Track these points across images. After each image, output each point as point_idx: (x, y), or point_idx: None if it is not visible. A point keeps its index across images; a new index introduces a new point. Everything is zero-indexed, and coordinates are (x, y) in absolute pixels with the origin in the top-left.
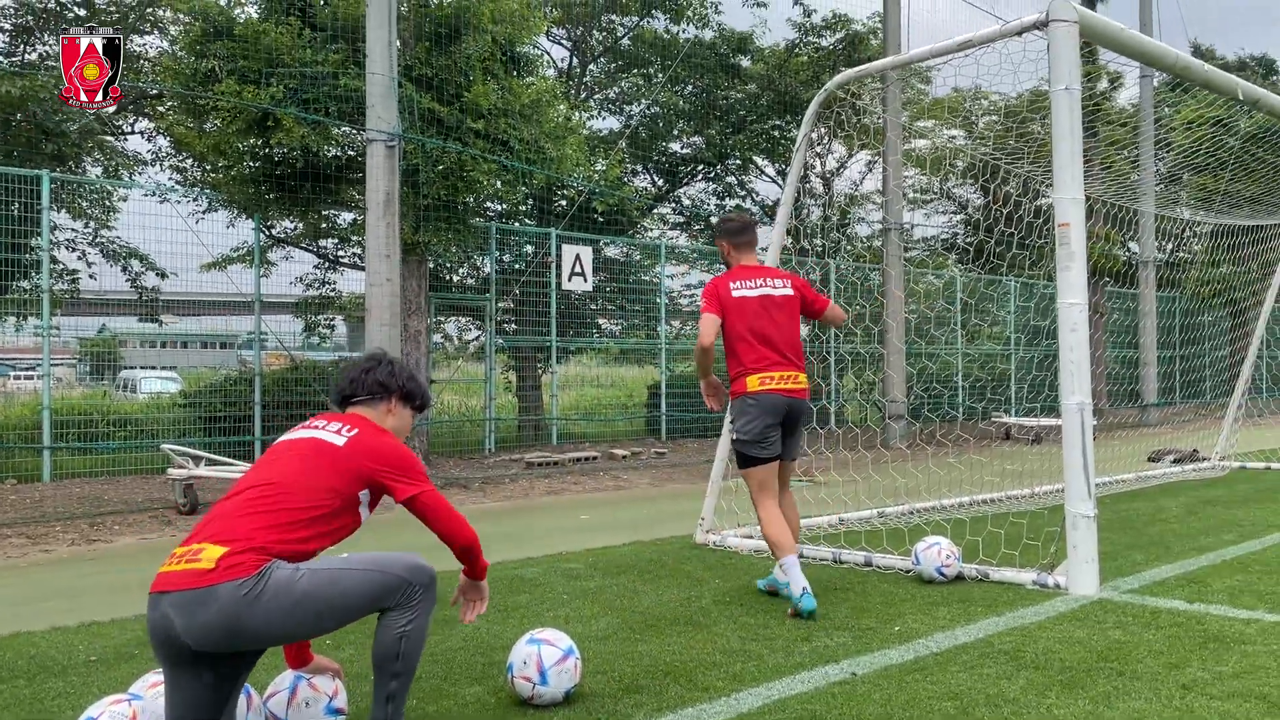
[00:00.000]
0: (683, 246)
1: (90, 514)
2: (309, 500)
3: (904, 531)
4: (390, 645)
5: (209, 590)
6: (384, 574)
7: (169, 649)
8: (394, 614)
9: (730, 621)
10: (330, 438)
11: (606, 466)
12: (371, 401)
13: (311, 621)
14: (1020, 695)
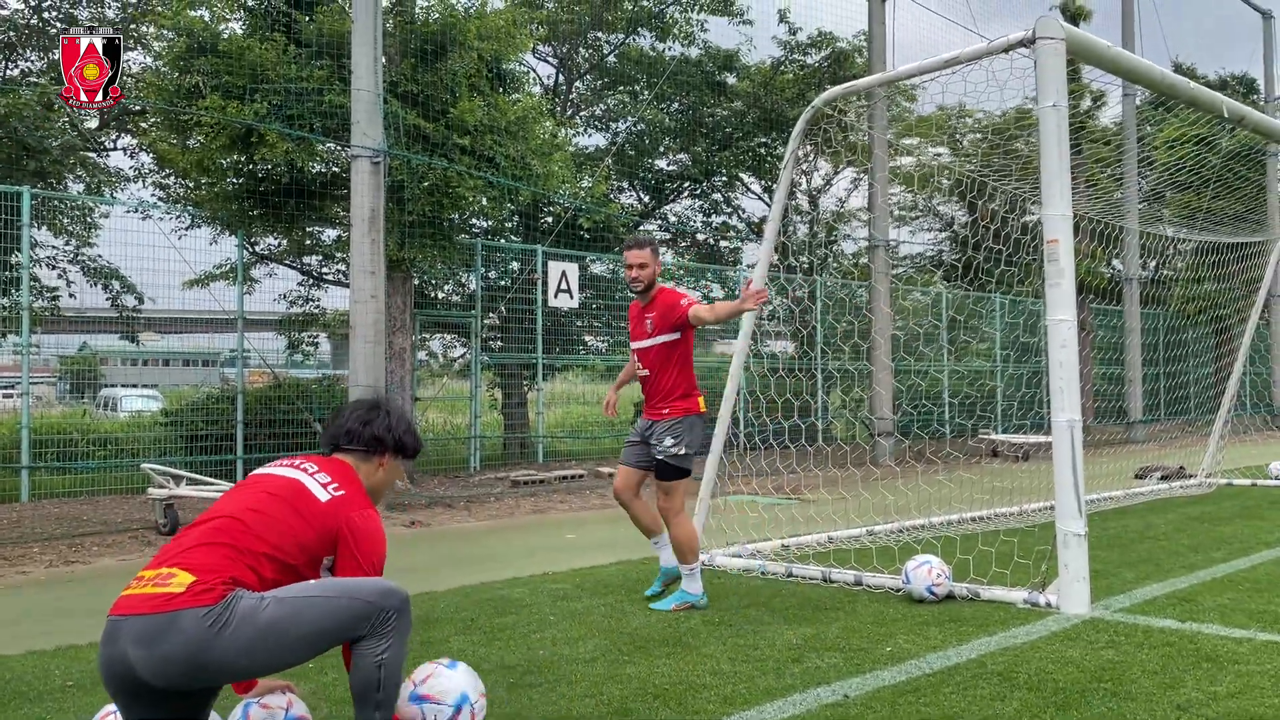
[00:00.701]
0: (669, 263)
1: (69, 535)
2: (278, 547)
3: (894, 550)
4: (369, 674)
5: (173, 616)
6: (353, 600)
7: (124, 686)
8: (368, 642)
9: (719, 643)
10: (314, 488)
11: (593, 484)
12: (365, 455)
13: (278, 653)
14: (1015, 717)
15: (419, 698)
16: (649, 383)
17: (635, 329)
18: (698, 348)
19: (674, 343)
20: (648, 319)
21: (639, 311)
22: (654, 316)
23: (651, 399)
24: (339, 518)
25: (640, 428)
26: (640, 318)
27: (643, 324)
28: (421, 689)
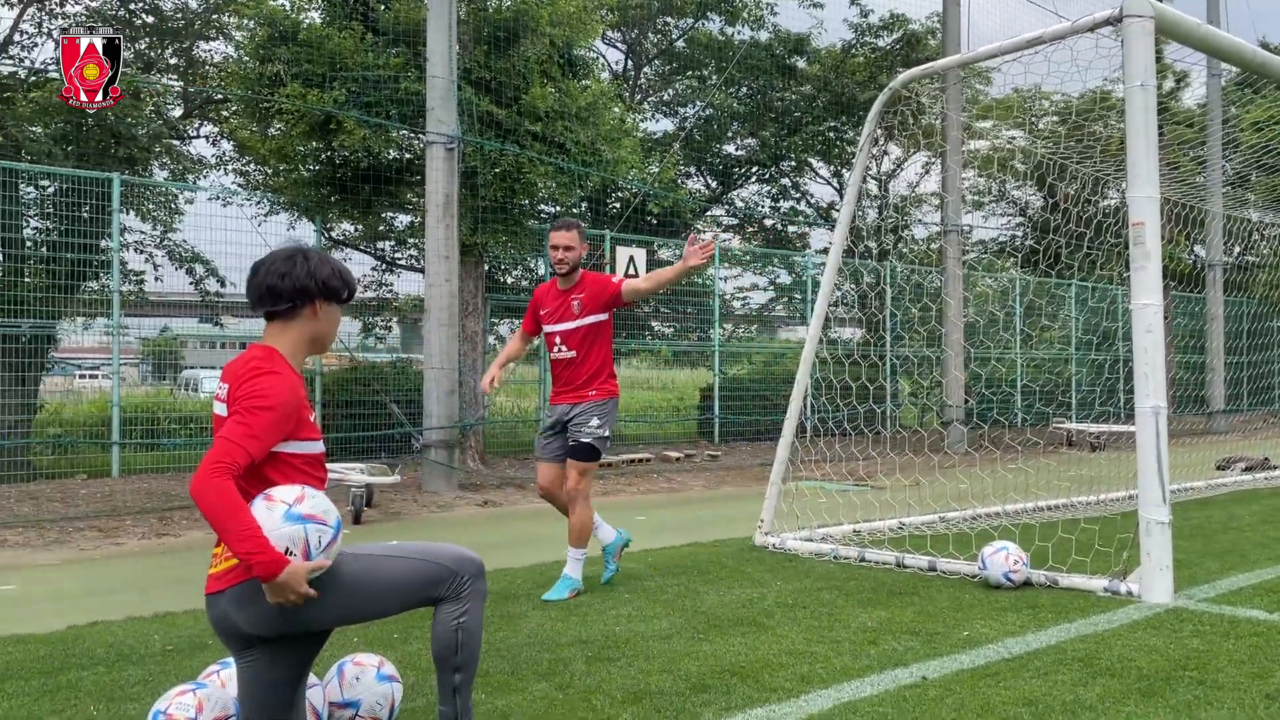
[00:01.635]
0: (736, 249)
1: (159, 509)
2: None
3: (969, 536)
4: (448, 637)
5: (257, 581)
6: (429, 563)
7: (233, 638)
8: (447, 606)
9: (794, 624)
10: (220, 409)
11: (659, 469)
12: (292, 310)
13: (360, 608)
14: (1098, 702)
15: (299, 517)
16: (573, 365)
17: (555, 311)
18: (762, 334)
19: (602, 324)
20: (574, 300)
21: (559, 293)
22: (583, 297)
23: (574, 382)
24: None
25: (558, 415)
26: (562, 299)
27: (566, 305)
28: (299, 509)
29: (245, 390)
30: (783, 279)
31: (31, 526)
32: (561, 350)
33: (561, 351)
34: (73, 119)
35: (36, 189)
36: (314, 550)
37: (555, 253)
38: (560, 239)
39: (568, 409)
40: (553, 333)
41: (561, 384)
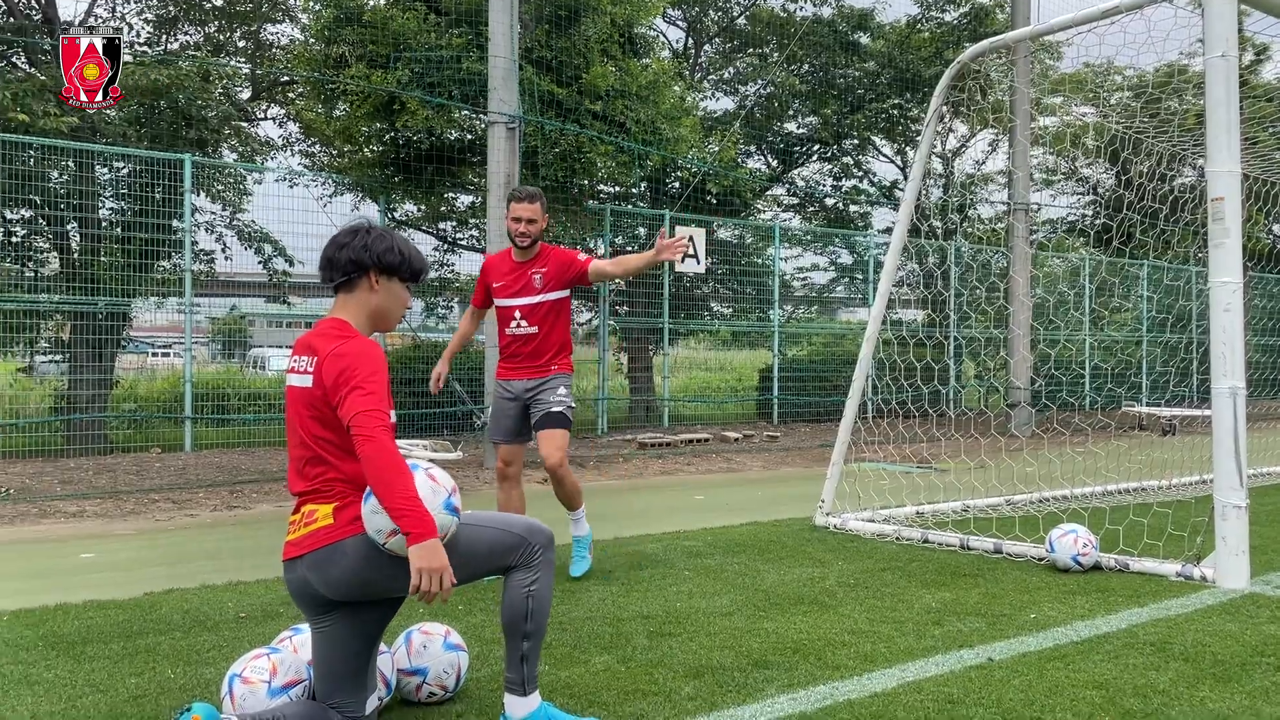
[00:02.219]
0: (796, 228)
1: (229, 482)
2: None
3: (1037, 519)
4: (518, 605)
5: (336, 546)
6: (503, 531)
7: (310, 602)
8: (518, 574)
9: (856, 603)
10: (301, 381)
11: (718, 449)
12: (350, 283)
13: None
14: (1170, 687)
15: (454, 509)
16: (534, 341)
17: (512, 284)
18: (823, 315)
19: (564, 300)
20: (534, 274)
21: (516, 265)
22: (545, 272)
23: (537, 358)
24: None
25: (517, 391)
26: (520, 272)
27: (526, 279)
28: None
29: (349, 362)
30: (844, 259)
31: (109, 497)
32: (521, 325)
33: (521, 327)
34: (145, 101)
35: (111, 170)
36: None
37: (517, 225)
38: (523, 210)
39: (528, 384)
40: (510, 306)
41: (519, 360)
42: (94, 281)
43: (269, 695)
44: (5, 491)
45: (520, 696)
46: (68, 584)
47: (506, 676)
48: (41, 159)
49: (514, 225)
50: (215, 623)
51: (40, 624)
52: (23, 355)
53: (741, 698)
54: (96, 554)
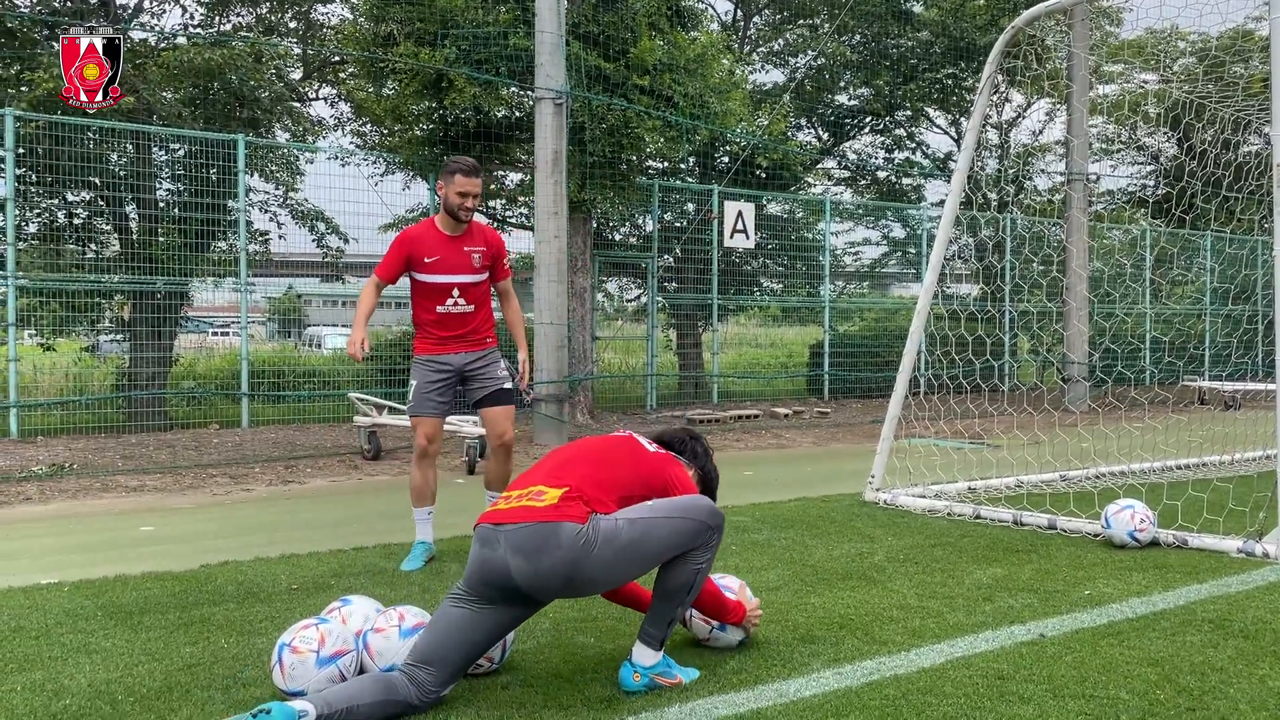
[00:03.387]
0: (848, 202)
1: (284, 457)
2: (623, 480)
3: (1092, 495)
4: (686, 578)
5: (553, 527)
6: (690, 521)
7: (489, 587)
8: (695, 553)
9: (906, 579)
10: (643, 442)
11: (768, 425)
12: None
13: (631, 568)
14: (1229, 664)
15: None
16: (471, 319)
17: (448, 260)
18: (874, 290)
19: (489, 278)
20: (473, 253)
21: (448, 240)
22: (483, 251)
23: (475, 334)
24: (667, 472)
25: (456, 365)
26: (453, 248)
27: (463, 257)
28: (721, 579)
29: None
30: (896, 233)
31: (168, 472)
32: (459, 303)
33: (459, 305)
34: (200, 82)
35: (167, 152)
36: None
37: (463, 199)
38: (473, 186)
39: (467, 357)
40: (448, 284)
41: (455, 336)
42: (152, 262)
43: (317, 665)
44: (67, 467)
45: (653, 650)
46: (127, 556)
47: (646, 630)
48: (101, 141)
49: (460, 199)
50: (268, 594)
51: (100, 594)
52: (87, 335)
53: (786, 672)
54: (155, 527)
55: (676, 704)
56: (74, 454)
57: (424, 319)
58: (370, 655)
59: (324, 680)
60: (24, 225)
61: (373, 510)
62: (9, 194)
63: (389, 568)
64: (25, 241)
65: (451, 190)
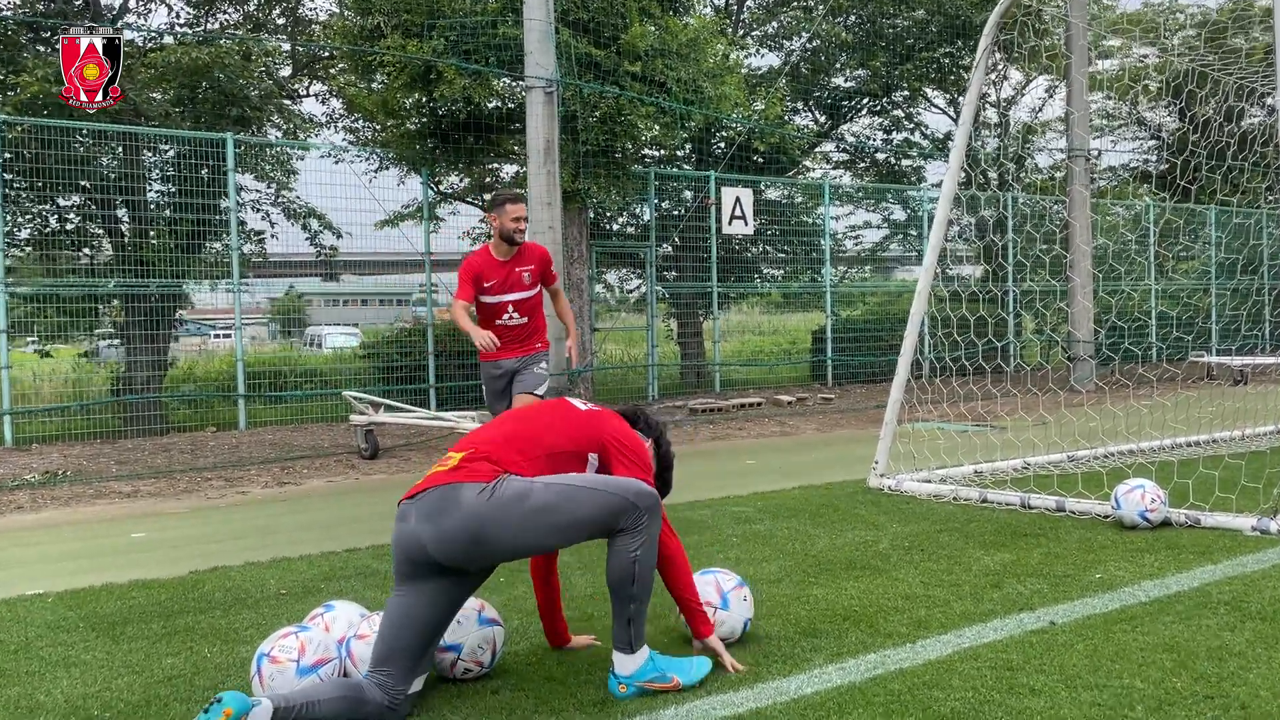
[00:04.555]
0: (847, 185)
1: (281, 459)
2: (547, 440)
3: (1100, 475)
4: (625, 569)
5: (454, 487)
6: (612, 495)
7: (410, 563)
8: (624, 538)
9: (911, 567)
10: (575, 402)
11: (771, 412)
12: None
13: (543, 536)
14: (1247, 648)
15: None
16: (522, 329)
17: (504, 281)
18: (877, 274)
19: (540, 290)
20: (524, 272)
21: (501, 264)
22: (532, 269)
23: (524, 341)
24: (602, 427)
25: (507, 368)
26: (508, 270)
27: (515, 276)
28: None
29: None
30: (897, 215)
31: (163, 477)
32: (514, 317)
33: (514, 319)
34: (188, 82)
35: (156, 153)
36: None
37: (517, 224)
38: (521, 210)
39: (516, 362)
40: (504, 303)
41: (508, 344)
42: (144, 265)
43: (297, 674)
44: (60, 474)
45: (628, 654)
46: (116, 563)
47: (615, 633)
48: (90, 144)
49: (513, 225)
50: (256, 600)
51: (84, 605)
52: (86, 340)
53: (787, 669)
54: (147, 532)
55: (672, 706)
56: (68, 461)
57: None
58: (353, 663)
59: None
60: (16, 231)
61: (369, 510)
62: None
63: (382, 569)
64: (18, 248)
65: (505, 219)
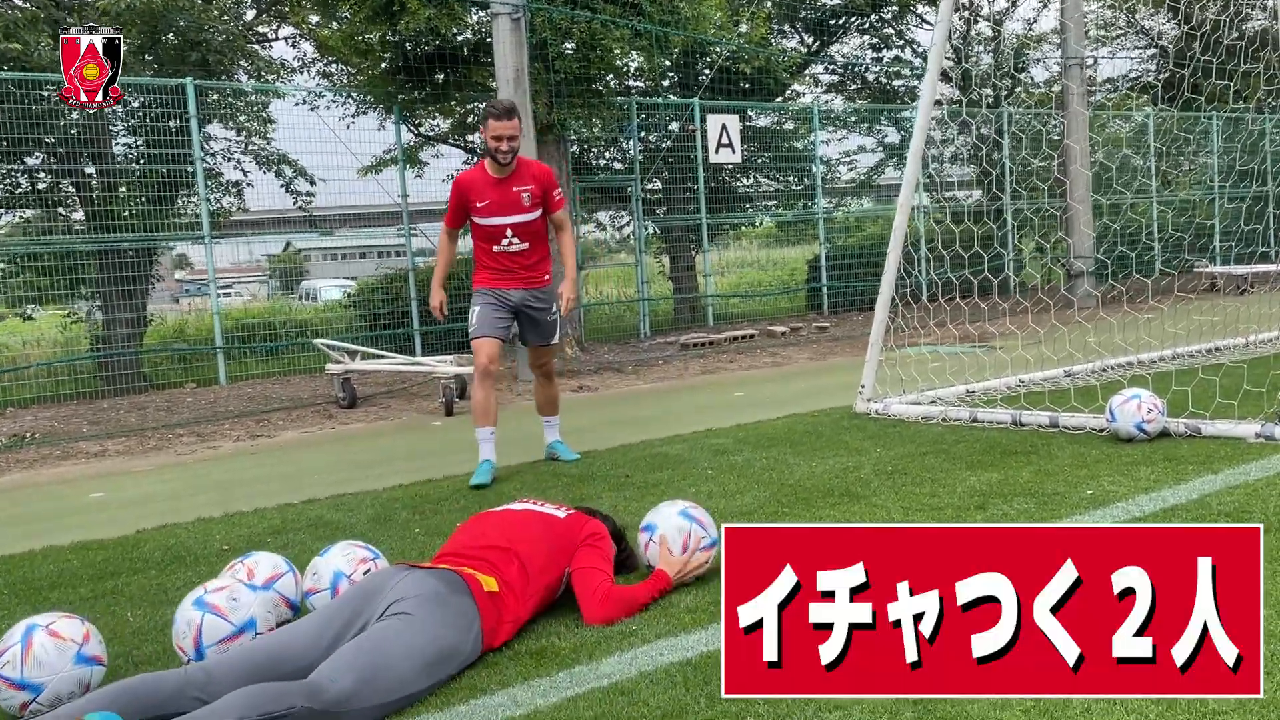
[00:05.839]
0: (838, 109)
1: (258, 411)
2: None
3: (1096, 388)
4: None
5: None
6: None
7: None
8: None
9: (892, 491)
10: (551, 510)
11: (764, 344)
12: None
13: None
14: None
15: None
16: (526, 256)
17: (499, 202)
18: (875, 200)
19: (544, 218)
20: (522, 192)
21: (497, 183)
22: (532, 190)
23: (531, 270)
24: (580, 529)
25: (515, 300)
26: (503, 190)
27: (513, 197)
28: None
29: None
30: (891, 138)
31: (134, 435)
32: (513, 243)
33: (514, 244)
34: (147, 28)
35: (123, 104)
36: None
37: (498, 143)
38: (504, 128)
39: (525, 295)
40: (500, 225)
41: (513, 273)
42: (114, 220)
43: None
44: (28, 436)
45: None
46: (63, 526)
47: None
48: (42, 97)
49: (495, 144)
50: (196, 558)
51: (14, 571)
52: (71, 301)
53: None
54: (105, 493)
55: (616, 654)
56: (39, 423)
57: (484, 259)
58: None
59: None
60: None
61: (338, 459)
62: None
63: (336, 519)
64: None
65: (487, 135)
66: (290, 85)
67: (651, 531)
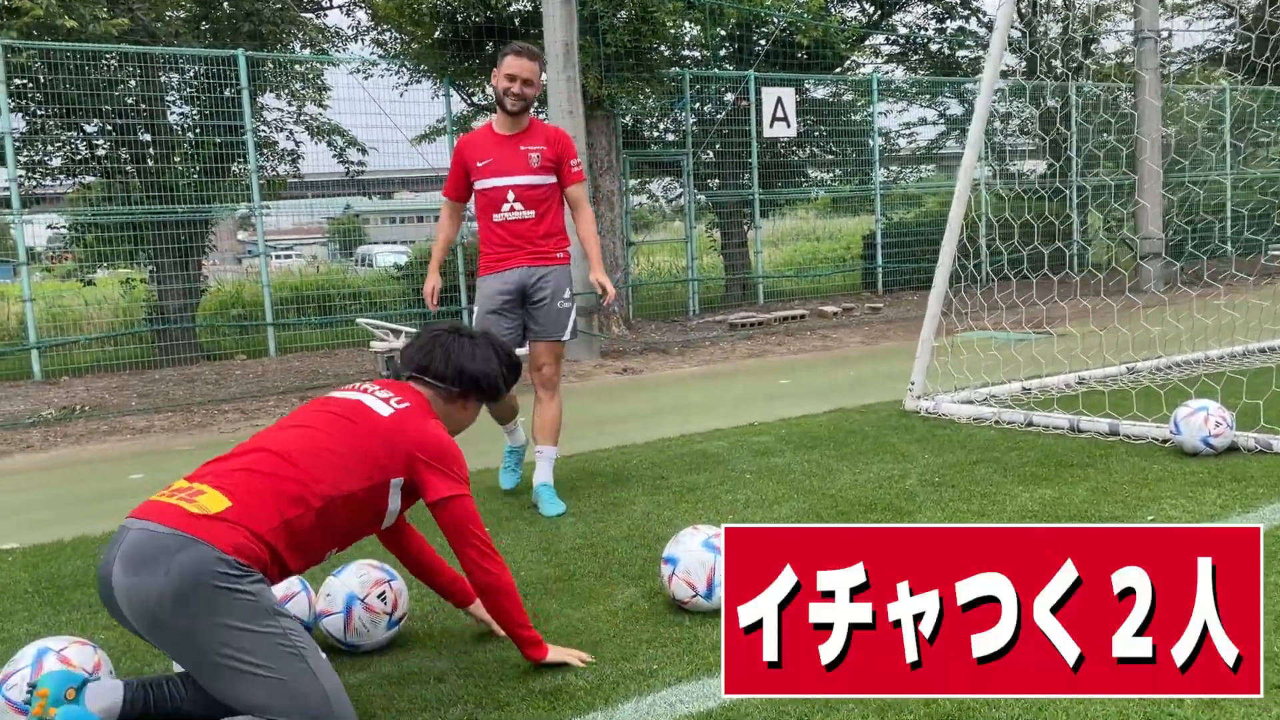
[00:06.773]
0: (899, 80)
1: (302, 387)
2: (332, 473)
3: (1159, 393)
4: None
5: (180, 540)
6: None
7: (107, 602)
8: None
9: (938, 507)
10: (376, 405)
11: (815, 325)
12: (441, 389)
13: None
14: None
15: (715, 547)
16: (530, 227)
17: (501, 160)
18: (937, 173)
19: (556, 186)
20: (531, 152)
21: (502, 139)
22: (544, 150)
23: (535, 245)
24: (402, 430)
25: (513, 283)
26: (509, 148)
27: (520, 156)
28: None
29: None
30: (953, 111)
31: (180, 410)
32: (515, 209)
33: (515, 210)
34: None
35: (179, 73)
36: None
37: (510, 84)
38: (520, 68)
39: (530, 272)
40: (501, 188)
41: (509, 245)
42: (170, 190)
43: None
44: (78, 409)
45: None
46: (99, 511)
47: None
48: (102, 67)
49: (506, 84)
50: None
51: (43, 564)
52: (131, 264)
53: None
54: (145, 474)
55: (634, 699)
56: (91, 394)
57: (486, 235)
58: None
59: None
60: (47, 160)
61: None
62: (5, 127)
63: None
64: (51, 176)
65: (500, 75)
66: (343, 54)
67: (674, 565)
